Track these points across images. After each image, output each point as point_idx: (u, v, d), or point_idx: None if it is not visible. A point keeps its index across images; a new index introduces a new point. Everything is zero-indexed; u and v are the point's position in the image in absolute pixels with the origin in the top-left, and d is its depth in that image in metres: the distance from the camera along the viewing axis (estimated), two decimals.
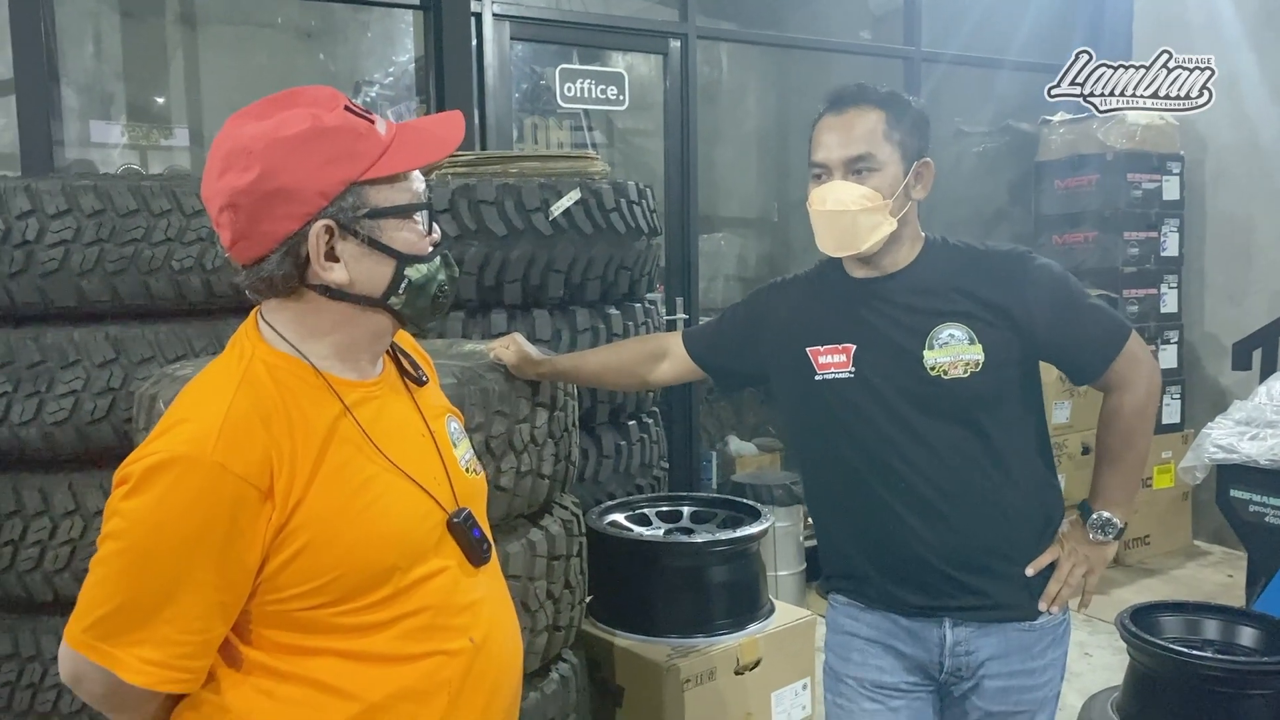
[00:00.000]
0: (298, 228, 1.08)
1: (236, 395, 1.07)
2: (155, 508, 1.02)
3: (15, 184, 2.05)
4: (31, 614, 2.10)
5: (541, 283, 2.54)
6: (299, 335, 1.14)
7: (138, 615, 1.03)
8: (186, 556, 1.03)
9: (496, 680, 1.23)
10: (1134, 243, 4.76)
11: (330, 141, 1.08)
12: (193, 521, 1.02)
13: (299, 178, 1.07)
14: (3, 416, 2.03)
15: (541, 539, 1.99)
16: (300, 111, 1.09)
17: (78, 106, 3.63)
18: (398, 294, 1.15)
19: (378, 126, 1.13)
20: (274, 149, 1.06)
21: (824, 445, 1.72)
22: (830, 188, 1.61)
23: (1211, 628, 2.53)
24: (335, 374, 1.16)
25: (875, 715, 1.72)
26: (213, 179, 1.09)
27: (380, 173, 1.11)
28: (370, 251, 1.12)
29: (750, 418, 5.30)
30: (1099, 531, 1.69)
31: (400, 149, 1.13)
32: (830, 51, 4.98)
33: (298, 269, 1.10)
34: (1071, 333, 1.64)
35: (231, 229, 1.09)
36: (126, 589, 1.04)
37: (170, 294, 2.10)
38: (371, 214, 1.11)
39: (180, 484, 1.02)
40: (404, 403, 1.25)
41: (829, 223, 1.62)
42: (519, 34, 3.90)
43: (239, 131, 1.09)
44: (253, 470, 1.04)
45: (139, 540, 1.03)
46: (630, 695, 2.37)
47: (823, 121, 1.64)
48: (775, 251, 5.94)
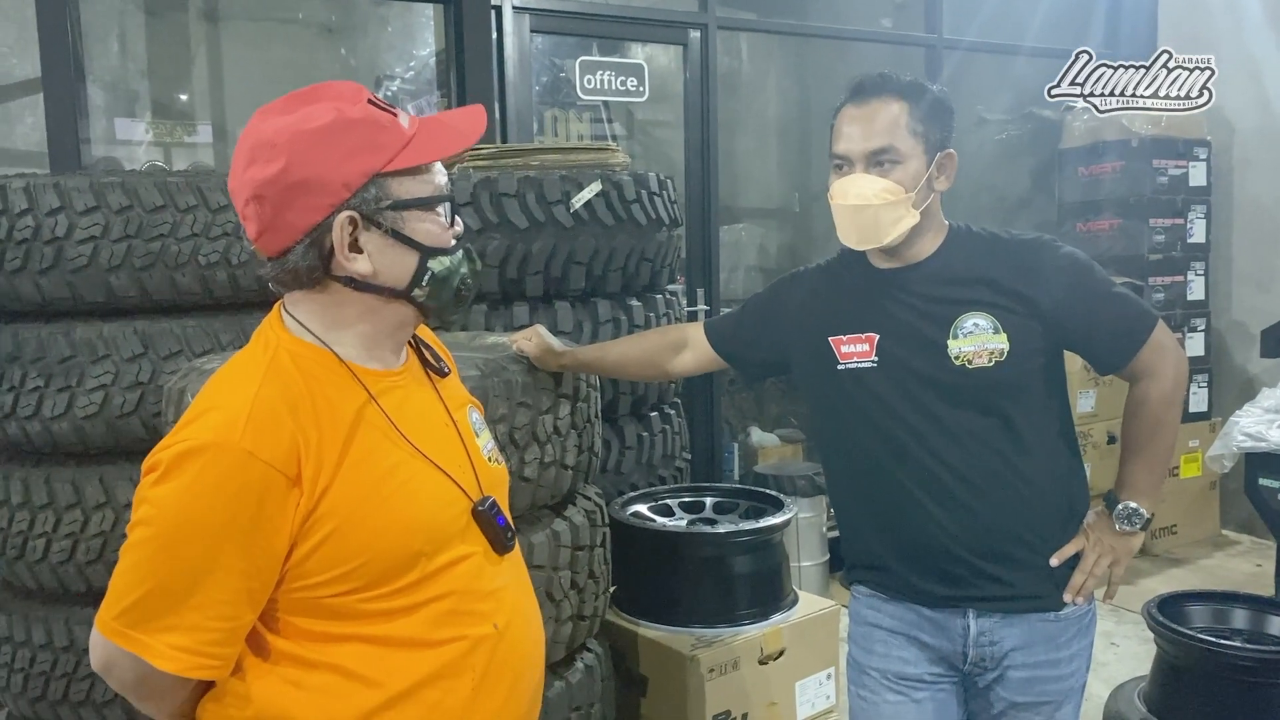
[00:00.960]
0: (322, 219, 1.09)
1: (263, 384, 1.09)
2: (183, 494, 1.04)
3: (44, 181, 2.07)
4: (64, 605, 2.14)
5: (563, 275, 2.54)
6: (323, 326, 1.16)
7: (167, 601, 1.05)
8: (215, 543, 1.04)
9: (519, 667, 1.24)
10: (1160, 229, 4.71)
11: (354, 133, 1.10)
12: (221, 508, 1.04)
13: (323, 169, 1.08)
14: (35, 411, 2.06)
15: (565, 529, 2.00)
16: (324, 105, 1.10)
17: (103, 104, 3.67)
18: (421, 286, 1.16)
19: (400, 120, 1.14)
20: (298, 141, 1.08)
21: (846, 435, 1.72)
22: (852, 180, 1.60)
23: (1240, 617, 2.52)
24: (359, 364, 1.17)
25: (899, 707, 1.72)
26: (239, 172, 1.11)
27: (403, 164, 1.12)
28: (394, 243, 1.13)
29: (772, 409, 5.29)
30: (1125, 522, 1.68)
31: (422, 141, 1.14)
32: (851, 40, 4.95)
33: (322, 260, 1.11)
34: (1096, 321, 1.63)
35: (258, 221, 1.10)
36: (156, 575, 1.05)
37: (197, 288, 2.13)
38: (395, 205, 1.12)
39: (208, 471, 1.03)
40: (427, 393, 1.26)
41: (851, 216, 1.61)
42: (539, 26, 3.90)
43: (264, 125, 1.10)
44: (280, 457, 1.05)
45: (168, 526, 1.04)
46: (654, 685, 2.38)
47: (844, 112, 1.63)
48: (797, 242, 5.92)
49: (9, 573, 2.15)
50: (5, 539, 2.10)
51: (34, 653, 2.11)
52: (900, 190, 1.58)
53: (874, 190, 1.58)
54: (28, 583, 2.14)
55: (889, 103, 1.59)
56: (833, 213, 1.65)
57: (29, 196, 2.05)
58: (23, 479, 2.09)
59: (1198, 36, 4.89)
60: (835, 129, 1.64)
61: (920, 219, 1.61)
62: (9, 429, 2.10)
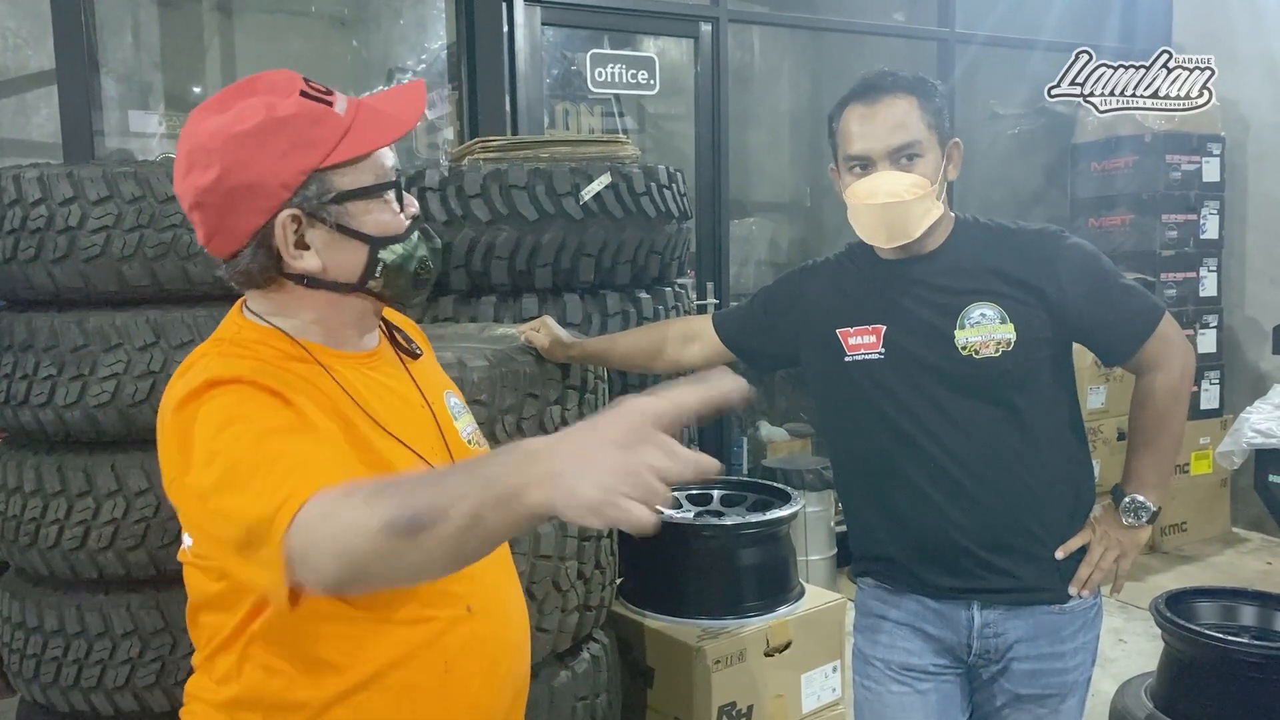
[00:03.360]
0: (265, 220, 1.09)
1: (225, 356, 1.10)
2: (222, 400, 1.02)
3: (58, 171, 2.09)
4: (76, 591, 2.16)
5: (572, 267, 2.55)
6: (278, 315, 1.16)
7: (276, 460, 0.97)
8: (277, 409, 1.03)
9: (495, 653, 1.21)
10: (1172, 225, 4.68)
11: (286, 132, 1.07)
12: (258, 402, 1.03)
13: (259, 172, 1.07)
14: (48, 399, 2.08)
15: None
16: (256, 101, 1.08)
17: (117, 96, 3.69)
18: (374, 277, 1.15)
19: (337, 107, 1.11)
20: (231, 145, 1.06)
21: (854, 427, 1.72)
22: (879, 179, 1.59)
23: (1248, 614, 2.51)
24: (321, 344, 1.16)
25: (903, 698, 1.72)
26: (180, 178, 1.10)
27: (341, 157, 1.10)
28: (341, 237, 1.12)
29: (781, 403, 5.29)
30: (1131, 515, 1.67)
31: (360, 130, 1.11)
32: (863, 34, 4.94)
33: (272, 260, 1.11)
34: (1103, 312, 1.63)
35: (203, 227, 1.11)
36: (253, 450, 0.98)
37: (208, 278, 2.14)
38: (338, 198, 1.10)
39: (224, 392, 1.03)
40: (400, 376, 1.25)
41: (880, 215, 1.60)
42: (550, 19, 3.90)
43: (199, 128, 1.09)
44: (275, 388, 1.05)
45: (231, 413, 1.01)
46: (661, 675, 2.39)
47: (853, 112, 1.62)
48: (807, 236, 5.91)
49: (22, 559, 2.17)
50: (18, 526, 2.12)
51: (46, 639, 2.13)
52: (926, 183, 1.58)
53: (904, 186, 1.57)
54: (40, 570, 2.16)
55: (899, 99, 1.59)
56: (854, 214, 1.63)
57: (43, 186, 2.06)
58: (35, 466, 2.11)
59: (1213, 31, 4.86)
60: (844, 130, 1.63)
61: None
62: (22, 416, 2.12)
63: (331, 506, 0.89)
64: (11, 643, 2.19)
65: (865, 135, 1.60)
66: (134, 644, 2.10)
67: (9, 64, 3.34)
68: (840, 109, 1.65)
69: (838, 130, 1.65)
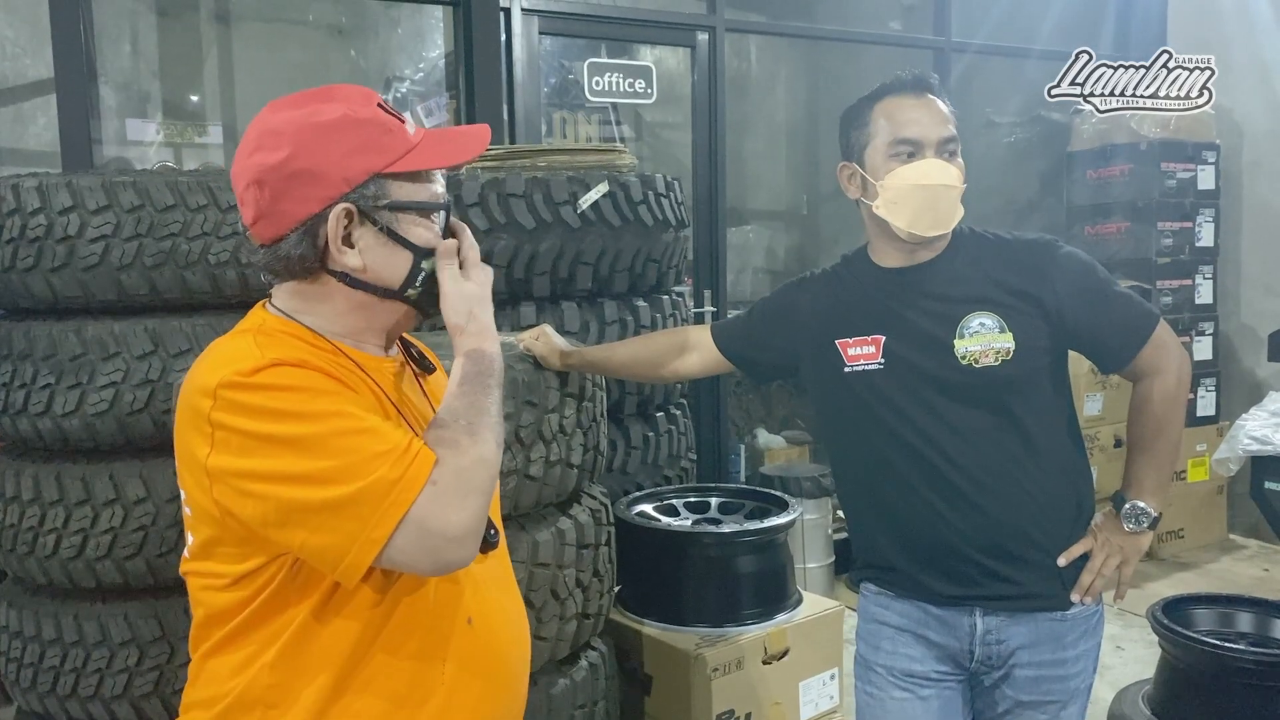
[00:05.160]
0: (319, 210, 1.11)
1: (261, 340, 1.11)
2: (294, 379, 1.04)
3: (57, 180, 2.09)
4: (74, 600, 2.15)
5: (570, 275, 2.55)
6: (305, 310, 1.17)
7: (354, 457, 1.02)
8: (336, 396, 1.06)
9: (493, 667, 1.22)
10: (1168, 233, 4.70)
11: (360, 132, 1.12)
12: (313, 379, 1.05)
13: (325, 162, 1.10)
14: (46, 408, 2.08)
15: (570, 527, 2.01)
16: (335, 104, 1.13)
17: (115, 105, 3.70)
18: (415, 286, 1.17)
19: (407, 127, 1.16)
20: (305, 132, 1.10)
21: (855, 436, 1.73)
22: (931, 164, 1.61)
23: (1245, 621, 2.51)
24: (344, 344, 1.17)
25: (905, 704, 1.72)
26: (243, 157, 1.13)
27: (404, 167, 1.14)
28: (387, 242, 1.14)
29: (779, 410, 5.29)
30: (1133, 521, 1.68)
31: (426, 148, 1.16)
32: (859, 42, 4.96)
33: (315, 252, 1.13)
34: (1099, 320, 1.64)
35: (255, 206, 1.12)
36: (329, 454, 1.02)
37: (207, 287, 2.14)
38: (391, 206, 1.14)
39: (292, 374, 1.05)
40: (414, 389, 1.27)
41: (932, 199, 1.60)
42: (547, 28, 3.92)
43: (273, 116, 1.13)
44: (326, 369, 1.08)
45: (312, 388, 1.05)
46: (659, 683, 2.39)
47: (900, 101, 1.63)
48: (805, 244, 5.92)
49: (19, 568, 2.17)
50: (16, 534, 2.12)
51: (43, 648, 2.13)
52: (962, 178, 1.63)
53: (953, 174, 1.62)
54: (38, 578, 2.16)
55: (939, 99, 1.65)
56: (900, 197, 1.61)
57: (41, 195, 2.07)
58: (33, 475, 2.11)
59: (1207, 39, 4.88)
60: (890, 117, 1.63)
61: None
62: (20, 425, 2.12)
63: (451, 456, 1.05)
64: (9, 651, 2.19)
65: (918, 122, 1.62)
66: (131, 653, 2.10)
67: (7, 73, 3.34)
68: (873, 101, 1.66)
69: (871, 120, 1.65)
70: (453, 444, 1.06)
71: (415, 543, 1.02)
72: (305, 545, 1.04)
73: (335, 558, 1.02)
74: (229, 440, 1.03)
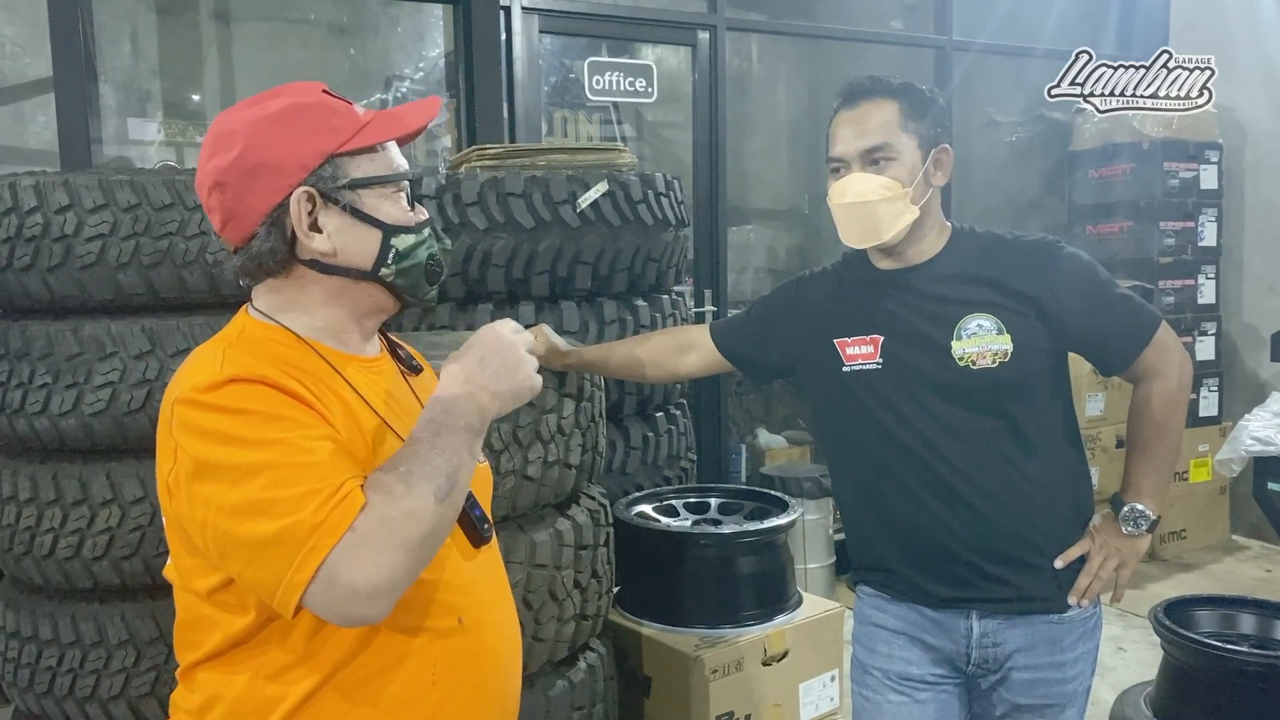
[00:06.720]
0: (280, 199, 1.12)
1: (229, 349, 1.11)
2: (245, 395, 1.03)
3: (53, 179, 2.08)
4: (70, 601, 2.15)
5: (569, 275, 2.55)
6: (284, 309, 1.17)
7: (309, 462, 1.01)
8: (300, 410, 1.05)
9: (485, 669, 1.21)
10: (1170, 233, 4.69)
11: (308, 116, 1.14)
12: (265, 401, 1.04)
13: (279, 151, 1.11)
14: (43, 407, 2.07)
15: (569, 528, 2.00)
16: (282, 97, 1.15)
17: (115, 104, 3.69)
18: (387, 265, 1.17)
19: (355, 109, 1.18)
20: (255, 127, 1.12)
21: (852, 436, 1.72)
22: (849, 180, 1.62)
23: (1247, 622, 2.50)
24: (322, 343, 1.17)
25: (901, 707, 1.72)
26: (203, 165, 1.14)
27: (357, 144, 1.15)
28: (354, 222, 1.15)
29: (780, 410, 5.28)
30: (1131, 524, 1.67)
31: (376, 125, 1.17)
32: (860, 42, 4.95)
33: (285, 243, 1.13)
34: (1101, 322, 1.63)
35: (221, 210, 1.13)
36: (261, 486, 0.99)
37: (204, 286, 2.13)
38: (351, 184, 1.14)
39: (247, 390, 1.04)
40: (401, 386, 1.26)
41: (851, 215, 1.63)
42: (548, 27, 3.91)
43: (226, 119, 1.15)
44: (285, 386, 1.06)
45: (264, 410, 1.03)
46: (658, 685, 2.38)
47: (837, 117, 1.66)
48: (805, 243, 5.91)
49: (16, 569, 2.16)
50: (13, 535, 2.11)
51: (40, 648, 2.12)
52: (897, 186, 1.59)
53: (871, 187, 1.60)
54: (34, 578, 2.15)
55: (880, 103, 1.61)
56: (833, 215, 1.66)
57: (38, 194, 2.06)
58: (30, 475, 2.10)
59: (1210, 39, 4.86)
60: (830, 134, 1.67)
61: (920, 215, 1.62)
62: (17, 425, 2.11)
63: (380, 503, 0.99)
64: (6, 652, 2.18)
65: (841, 138, 1.64)
66: (129, 653, 2.09)
67: (6, 71, 3.34)
68: (833, 114, 1.67)
69: (828, 135, 1.68)
70: (386, 490, 1.00)
71: (322, 591, 0.97)
72: (241, 577, 1.03)
73: (268, 595, 1.01)
74: (183, 460, 1.03)
